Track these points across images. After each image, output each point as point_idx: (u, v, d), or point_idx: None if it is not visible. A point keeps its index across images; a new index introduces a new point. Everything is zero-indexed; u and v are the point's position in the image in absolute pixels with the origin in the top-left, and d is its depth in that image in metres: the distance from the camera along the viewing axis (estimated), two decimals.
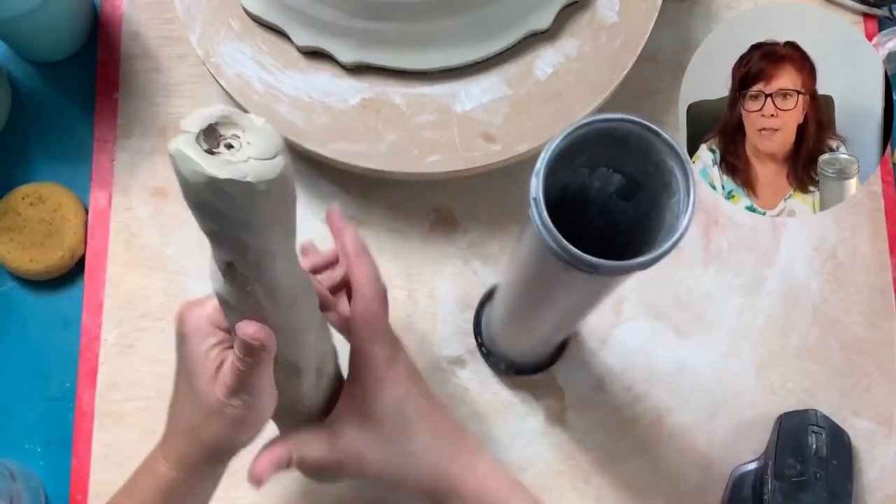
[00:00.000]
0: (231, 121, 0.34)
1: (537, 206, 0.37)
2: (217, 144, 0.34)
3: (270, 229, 0.37)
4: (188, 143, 0.33)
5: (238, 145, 0.34)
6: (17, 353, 0.64)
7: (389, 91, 0.61)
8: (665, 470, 0.63)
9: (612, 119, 0.38)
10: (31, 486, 0.60)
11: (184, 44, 0.68)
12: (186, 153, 0.33)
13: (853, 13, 0.72)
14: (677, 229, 0.37)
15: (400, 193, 0.67)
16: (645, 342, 0.65)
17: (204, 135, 0.34)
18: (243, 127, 0.34)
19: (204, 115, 0.34)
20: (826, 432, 0.60)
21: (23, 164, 0.68)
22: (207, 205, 0.34)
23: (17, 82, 0.70)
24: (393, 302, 0.64)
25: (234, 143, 0.34)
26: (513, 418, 0.63)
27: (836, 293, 0.66)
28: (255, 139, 0.34)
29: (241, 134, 0.34)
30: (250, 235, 0.36)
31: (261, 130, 0.34)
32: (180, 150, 0.33)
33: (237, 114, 0.35)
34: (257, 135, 0.34)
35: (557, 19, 0.62)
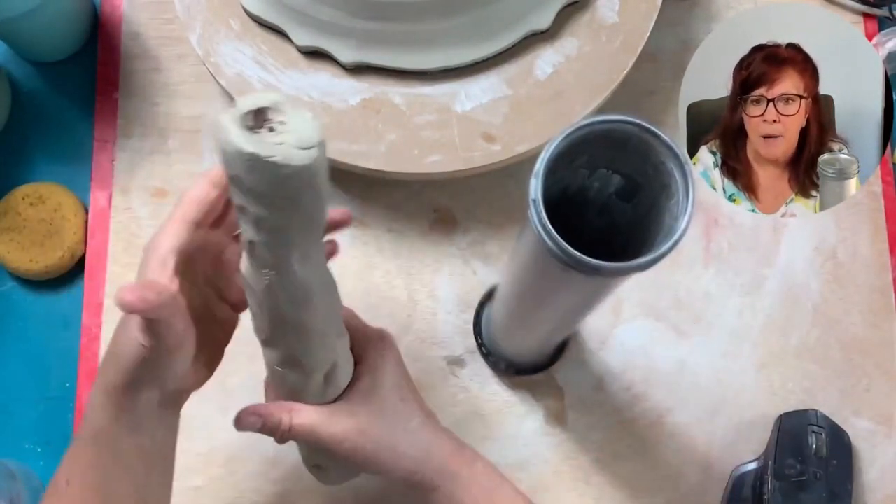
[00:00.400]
0: (281, 109, 0.37)
1: (536, 208, 0.37)
2: (262, 125, 0.36)
3: (291, 215, 0.38)
4: (232, 118, 0.36)
5: (280, 130, 0.36)
6: (17, 353, 0.65)
7: (389, 91, 0.61)
8: (665, 470, 0.63)
9: (611, 120, 0.38)
10: (31, 486, 0.60)
11: (184, 44, 0.68)
12: (225, 124, 0.35)
13: (853, 13, 0.72)
14: (676, 230, 0.37)
15: (400, 193, 0.67)
16: (645, 342, 0.65)
17: (254, 115, 0.36)
18: (291, 116, 0.37)
19: (258, 98, 0.36)
20: (826, 432, 0.60)
21: (23, 164, 0.68)
22: (238, 179, 0.37)
23: (17, 82, 0.70)
24: (393, 302, 0.65)
25: (277, 127, 0.36)
26: (513, 418, 0.63)
27: (836, 293, 0.66)
28: (297, 129, 0.36)
29: (286, 121, 0.37)
30: (271, 215, 0.38)
31: (305, 122, 0.36)
32: (221, 120, 0.35)
33: (289, 104, 0.37)
34: (300, 125, 0.36)
35: (557, 19, 0.62)
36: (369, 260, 0.66)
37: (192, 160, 0.67)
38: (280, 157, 0.35)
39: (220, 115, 0.36)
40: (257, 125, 0.36)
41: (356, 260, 0.66)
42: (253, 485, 0.62)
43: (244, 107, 0.36)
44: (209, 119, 0.68)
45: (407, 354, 0.64)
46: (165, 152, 0.67)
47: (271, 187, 0.37)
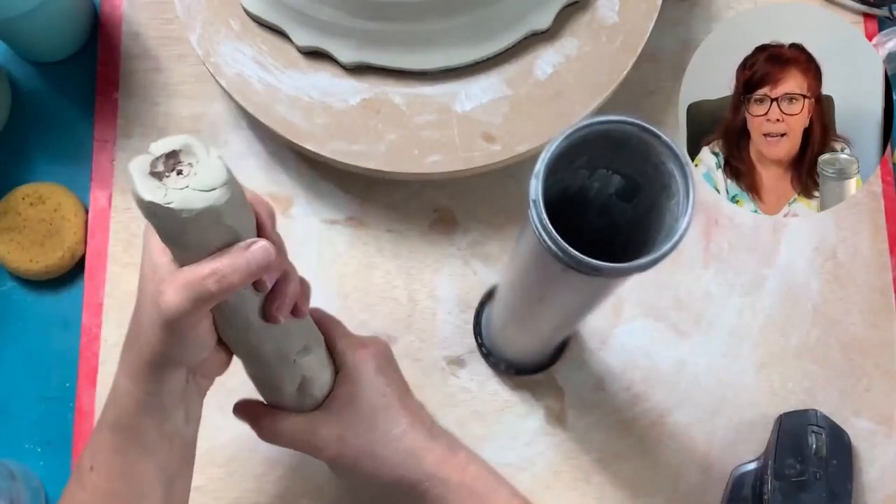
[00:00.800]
0: (192, 151, 0.38)
1: (537, 208, 0.37)
2: (172, 169, 0.37)
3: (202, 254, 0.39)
4: (140, 164, 0.37)
5: (186, 173, 0.37)
6: (17, 353, 0.65)
7: (389, 91, 0.61)
8: (665, 470, 0.63)
9: (611, 121, 0.38)
10: (31, 486, 0.60)
11: (184, 44, 0.68)
12: (131, 172, 0.37)
13: (853, 13, 0.72)
14: (677, 231, 0.37)
15: (400, 193, 0.67)
16: (645, 342, 0.65)
17: (165, 158, 0.37)
18: (199, 158, 0.38)
19: (169, 141, 0.38)
20: (826, 432, 0.60)
21: (23, 164, 0.68)
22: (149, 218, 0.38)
23: (17, 82, 0.70)
24: (393, 302, 0.65)
25: (185, 170, 0.37)
26: (513, 418, 0.63)
27: (836, 293, 0.66)
28: (202, 170, 0.37)
29: (193, 164, 0.37)
30: (185, 254, 0.39)
31: (211, 163, 0.37)
32: (129, 168, 0.37)
33: (199, 146, 0.38)
34: (206, 167, 0.37)
35: (557, 19, 0.62)
36: (369, 260, 0.66)
37: None
38: (177, 203, 0.36)
39: (131, 162, 0.37)
40: (167, 169, 0.37)
41: (356, 260, 0.66)
42: (253, 485, 0.62)
43: (156, 151, 0.37)
44: (209, 119, 0.68)
45: (407, 354, 0.64)
46: None
47: (176, 231, 0.38)
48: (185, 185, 0.37)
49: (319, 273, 0.65)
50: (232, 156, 0.67)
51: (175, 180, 0.37)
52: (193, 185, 0.37)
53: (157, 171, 0.37)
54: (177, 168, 0.37)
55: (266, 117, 0.61)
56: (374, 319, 0.65)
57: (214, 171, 0.37)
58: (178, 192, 0.36)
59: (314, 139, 0.60)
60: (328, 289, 0.65)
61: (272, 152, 0.67)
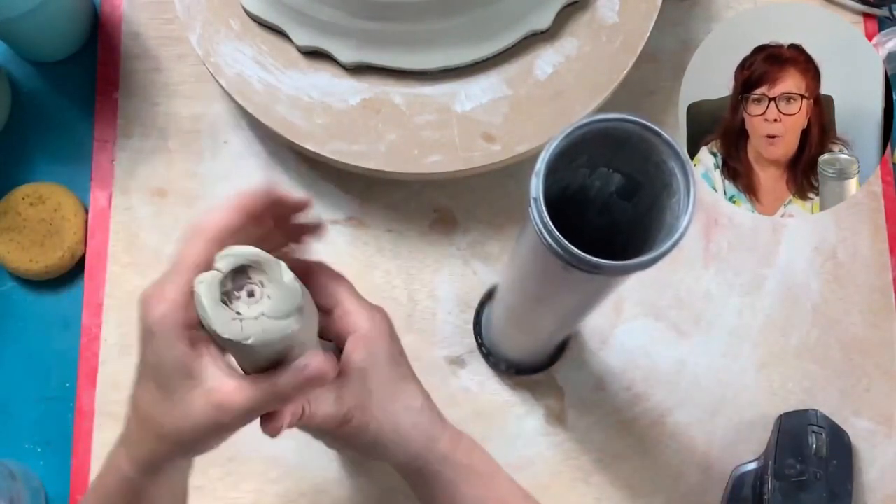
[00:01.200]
0: (261, 266, 0.36)
1: (537, 206, 0.37)
2: (241, 288, 0.36)
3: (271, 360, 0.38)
4: (209, 287, 0.35)
5: (259, 295, 0.36)
6: (17, 353, 0.64)
7: (389, 91, 0.61)
8: (665, 470, 0.63)
9: (612, 119, 0.38)
10: (31, 486, 0.60)
11: (184, 44, 0.68)
12: (201, 298, 0.35)
13: (853, 13, 0.72)
14: (677, 229, 0.37)
15: (399, 193, 0.67)
16: (645, 342, 0.65)
17: (233, 275, 0.36)
18: (270, 277, 0.36)
19: (236, 256, 0.36)
20: (826, 432, 0.60)
21: (23, 164, 0.68)
22: (216, 341, 0.37)
23: (17, 82, 0.70)
24: (393, 302, 0.65)
25: (255, 291, 0.36)
26: (513, 418, 0.63)
27: (836, 293, 0.66)
28: (275, 294, 0.36)
29: (265, 283, 0.36)
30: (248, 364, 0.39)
31: (284, 287, 0.36)
32: (198, 292, 0.35)
33: (268, 260, 0.36)
34: (279, 290, 0.36)
35: (557, 19, 0.62)
36: (369, 260, 0.66)
37: (192, 160, 0.67)
38: (255, 338, 0.35)
39: (200, 284, 0.35)
40: (236, 288, 0.36)
41: (356, 260, 0.66)
42: (253, 485, 0.62)
43: (224, 267, 0.35)
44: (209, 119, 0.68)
45: (407, 354, 0.64)
46: (165, 152, 0.67)
47: (245, 353, 0.37)
48: (259, 313, 0.35)
49: None
50: (232, 156, 0.67)
51: (248, 305, 0.35)
52: (269, 311, 0.35)
53: (226, 290, 0.35)
54: (246, 287, 0.36)
55: (266, 117, 0.61)
56: None
57: (288, 295, 0.36)
58: (253, 322, 0.35)
59: (314, 139, 0.60)
60: None
61: (272, 152, 0.67)
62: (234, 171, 0.67)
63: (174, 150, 0.67)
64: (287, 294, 0.36)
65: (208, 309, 0.35)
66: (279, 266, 0.36)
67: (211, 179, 0.67)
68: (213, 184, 0.67)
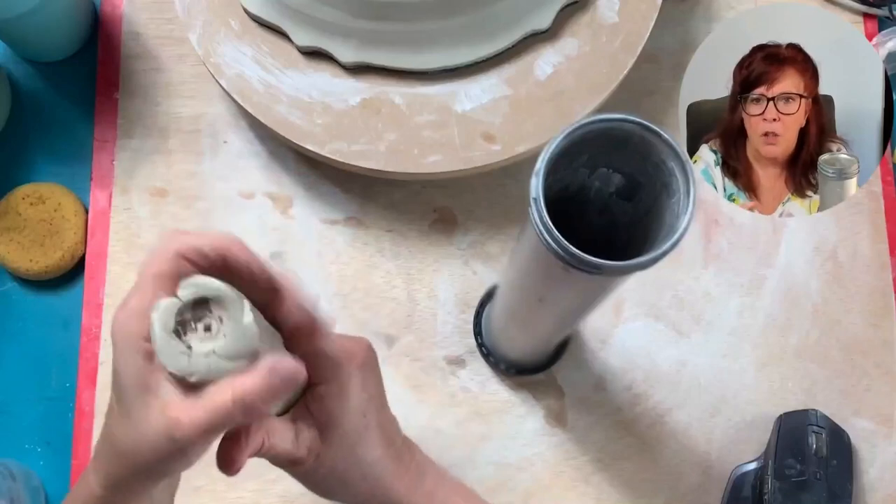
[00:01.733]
0: (223, 302, 0.35)
1: (537, 206, 0.37)
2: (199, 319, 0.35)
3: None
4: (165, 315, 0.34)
5: (215, 331, 0.35)
6: (17, 353, 0.64)
7: (389, 91, 0.61)
8: (665, 470, 0.63)
9: (612, 119, 0.38)
10: (31, 486, 0.60)
11: (184, 44, 0.68)
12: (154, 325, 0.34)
13: (853, 13, 0.72)
14: (677, 229, 0.37)
15: (399, 193, 0.67)
16: (645, 342, 0.65)
17: (193, 305, 0.34)
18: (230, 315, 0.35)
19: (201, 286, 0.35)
20: (826, 432, 0.60)
21: (23, 164, 0.68)
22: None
23: (17, 82, 0.70)
24: (393, 302, 0.65)
25: (213, 325, 0.35)
26: (513, 418, 0.63)
27: (836, 293, 0.66)
28: (231, 334, 0.34)
29: (224, 319, 0.35)
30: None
31: (241, 328, 0.35)
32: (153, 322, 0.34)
33: (234, 299, 0.35)
34: (236, 331, 0.34)
35: (557, 19, 0.62)
36: (369, 260, 0.66)
37: (192, 160, 0.67)
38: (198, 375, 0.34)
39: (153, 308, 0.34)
40: (195, 317, 0.35)
41: (356, 260, 0.66)
42: (253, 485, 0.62)
43: (185, 296, 0.34)
44: (208, 119, 0.68)
45: (407, 354, 0.64)
46: (166, 152, 0.67)
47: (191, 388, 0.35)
48: (210, 350, 0.34)
49: (319, 273, 0.65)
50: (232, 156, 0.67)
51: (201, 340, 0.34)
52: (220, 350, 0.34)
53: (183, 319, 0.34)
54: (204, 320, 0.35)
55: (266, 117, 0.61)
56: (374, 319, 0.65)
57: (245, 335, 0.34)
58: (202, 359, 0.34)
59: (314, 139, 0.60)
60: (328, 289, 0.65)
61: (272, 152, 0.67)
62: (234, 171, 0.67)
63: (174, 150, 0.67)
64: (242, 336, 0.34)
65: (158, 338, 0.34)
66: (242, 305, 0.35)
67: (211, 179, 0.67)
68: (213, 184, 0.67)
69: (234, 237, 0.38)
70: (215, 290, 0.35)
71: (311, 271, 0.65)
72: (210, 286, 0.35)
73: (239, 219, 0.66)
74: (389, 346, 0.64)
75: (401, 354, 0.64)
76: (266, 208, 0.66)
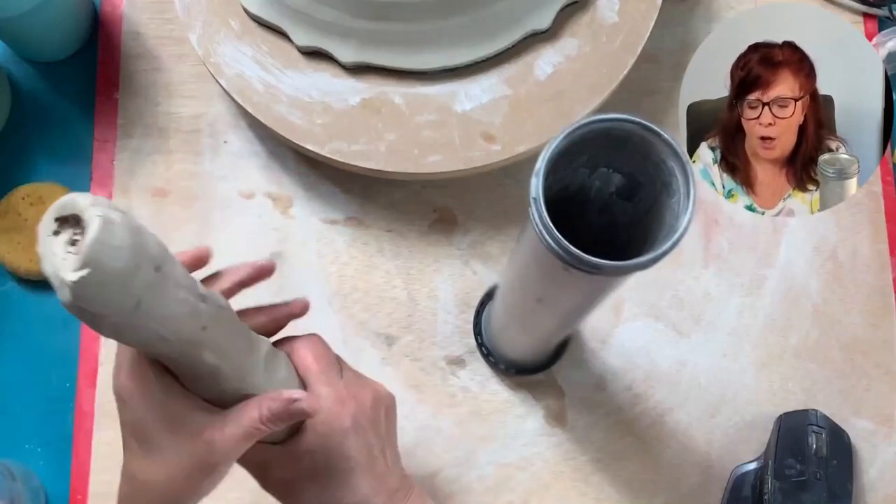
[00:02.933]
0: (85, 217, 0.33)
1: (537, 206, 0.37)
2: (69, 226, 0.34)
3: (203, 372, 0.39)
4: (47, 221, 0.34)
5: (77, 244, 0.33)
6: (17, 353, 0.64)
7: (389, 91, 0.61)
8: (665, 470, 0.63)
9: (612, 119, 0.38)
10: (31, 486, 0.60)
11: (184, 44, 0.68)
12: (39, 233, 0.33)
13: (853, 13, 0.72)
14: (677, 229, 0.37)
15: (399, 193, 0.67)
16: (645, 342, 0.65)
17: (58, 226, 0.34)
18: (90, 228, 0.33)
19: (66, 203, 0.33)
20: (826, 432, 0.60)
21: (23, 164, 0.68)
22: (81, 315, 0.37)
23: (17, 82, 0.70)
24: (393, 302, 0.65)
25: (77, 239, 0.33)
26: (513, 418, 0.63)
27: (836, 293, 0.66)
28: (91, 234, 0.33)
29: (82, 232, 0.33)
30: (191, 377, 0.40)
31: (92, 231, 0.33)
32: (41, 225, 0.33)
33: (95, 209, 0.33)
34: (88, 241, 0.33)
35: (557, 19, 0.62)
36: (369, 260, 0.66)
37: (192, 160, 0.67)
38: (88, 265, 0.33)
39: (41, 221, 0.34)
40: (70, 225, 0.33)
41: (356, 260, 0.66)
42: (253, 484, 0.62)
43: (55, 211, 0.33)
44: (208, 119, 0.68)
45: (407, 354, 0.64)
46: (166, 152, 0.67)
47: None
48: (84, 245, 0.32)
49: (319, 273, 0.65)
50: (232, 156, 0.67)
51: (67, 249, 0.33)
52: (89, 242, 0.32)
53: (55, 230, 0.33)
54: (72, 233, 0.33)
55: (266, 117, 0.61)
56: (374, 319, 0.65)
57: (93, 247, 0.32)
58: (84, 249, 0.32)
59: (314, 139, 0.60)
60: (328, 289, 0.65)
61: (272, 152, 0.67)
62: (234, 171, 0.67)
63: (174, 150, 0.67)
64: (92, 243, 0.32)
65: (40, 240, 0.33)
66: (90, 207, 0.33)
67: (211, 179, 0.67)
68: (213, 184, 0.67)
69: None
70: (66, 205, 0.33)
71: (311, 271, 0.65)
72: (76, 201, 0.33)
73: (239, 219, 0.66)
74: (389, 346, 0.64)
75: (401, 354, 0.64)
76: (266, 208, 0.66)
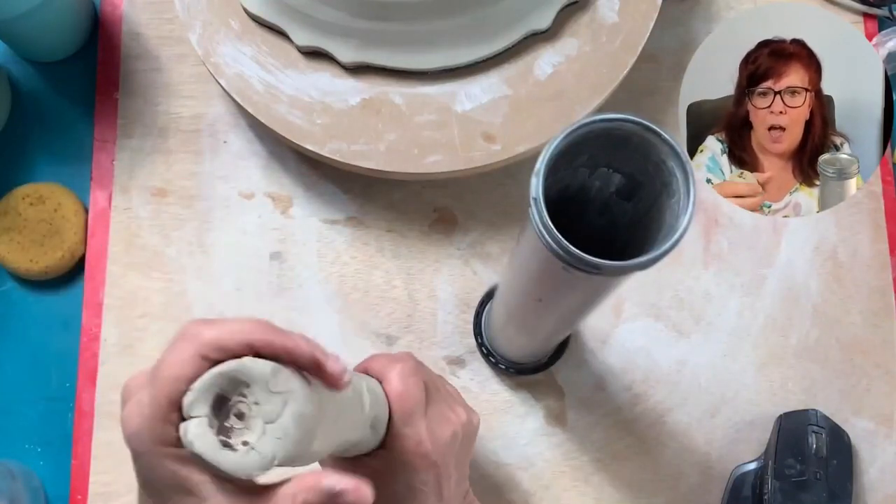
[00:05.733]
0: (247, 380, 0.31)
1: (537, 206, 0.37)
2: (231, 397, 0.31)
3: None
4: (203, 440, 0.31)
5: (249, 417, 0.31)
6: (17, 353, 0.64)
7: (389, 91, 0.61)
8: (665, 470, 0.63)
9: (612, 119, 0.38)
10: (31, 486, 0.60)
11: (184, 44, 0.68)
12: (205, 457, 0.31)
13: (853, 13, 0.72)
14: (677, 229, 0.37)
15: (399, 193, 0.67)
16: (645, 342, 0.65)
17: (214, 406, 0.32)
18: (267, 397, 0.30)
19: (205, 384, 0.31)
20: (826, 432, 0.60)
21: (23, 164, 0.68)
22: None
23: (17, 82, 0.70)
24: (393, 302, 0.65)
25: (246, 411, 0.31)
26: (513, 418, 0.63)
27: (836, 293, 0.66)
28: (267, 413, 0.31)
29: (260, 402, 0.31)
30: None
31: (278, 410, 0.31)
32: (199, 455, 0.31)
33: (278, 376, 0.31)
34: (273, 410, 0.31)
35: (557, 19, 0.62)
36: (369, 260, 0.66)
37: (192, 160, 0.67)
38: (233, 468, 0.30)
39: (185, 434, 0.31)
40: (224, 418, 0.31)
41: (356, 260, 0.66)
42: None
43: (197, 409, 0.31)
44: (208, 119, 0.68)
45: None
46: (165, 152, 0.67)
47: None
48: (245, 441, 0.30)
49: (319, 273, 0.65)
50: (232, 156, 0.67)
51: (236, 429, 0.31)
52: (255, 442, 0.30)
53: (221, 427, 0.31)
54: (237, 405, 0.31)
55: (266, 117, 0.61)
56: (374, 319, 0.65)
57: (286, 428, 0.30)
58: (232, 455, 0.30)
59: (314, 139, 0.60)
60: (328, 289, 0.65)
61: (272, 152, 0.67)
62: (234, 171, 0.67)
63: (174, 150, 0.67)
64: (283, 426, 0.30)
65: (212, 460, 0.31)
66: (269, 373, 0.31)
67: (211, 179, 0.67)
68: (213, 184, 0.67)
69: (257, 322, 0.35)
70: (232, 372, 0.31)
71: (311, 271, 0.65)
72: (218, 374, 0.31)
73: (239, 219, 0.66)
74: (389, 345, 0.64)
75: None
76: (266, 208, 0.66)
